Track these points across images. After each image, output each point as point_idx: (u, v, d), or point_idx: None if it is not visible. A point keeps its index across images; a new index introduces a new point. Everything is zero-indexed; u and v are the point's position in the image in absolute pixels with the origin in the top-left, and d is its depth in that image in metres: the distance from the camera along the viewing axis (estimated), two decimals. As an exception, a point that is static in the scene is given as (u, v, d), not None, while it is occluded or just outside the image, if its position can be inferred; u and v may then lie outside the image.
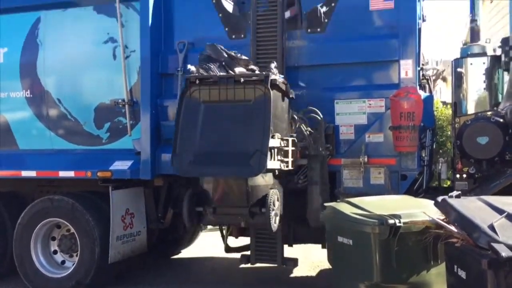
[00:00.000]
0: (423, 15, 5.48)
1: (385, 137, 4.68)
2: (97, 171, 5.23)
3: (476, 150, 4.39)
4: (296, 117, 4.66)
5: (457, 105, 5.11)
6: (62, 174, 5.41)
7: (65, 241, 5.48)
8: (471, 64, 5.02)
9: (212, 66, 4.31)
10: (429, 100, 4.86)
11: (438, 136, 6.84)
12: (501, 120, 4.41)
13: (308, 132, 4.66)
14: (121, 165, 5.24)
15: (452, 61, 5.27)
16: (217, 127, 4.15)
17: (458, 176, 4.56)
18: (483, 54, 5.03)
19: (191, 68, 4.38)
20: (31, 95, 5.66)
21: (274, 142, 4.06)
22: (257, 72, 4.29)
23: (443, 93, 10.57)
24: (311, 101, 4.81)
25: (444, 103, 8.48)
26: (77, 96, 5.53)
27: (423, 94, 4.77)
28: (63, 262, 5.53)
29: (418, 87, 4.70)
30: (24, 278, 5.43)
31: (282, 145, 4.21)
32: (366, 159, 4.65)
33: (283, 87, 4.38)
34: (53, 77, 5.60)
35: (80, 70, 5.50)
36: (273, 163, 4.09)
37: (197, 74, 4.27)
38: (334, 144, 4.80)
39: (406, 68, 4.62)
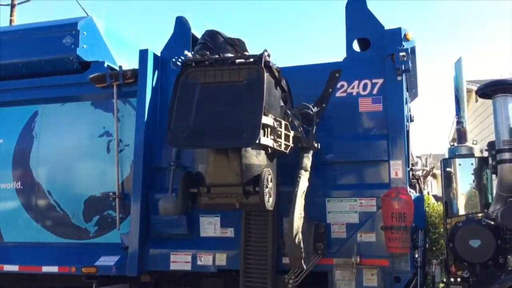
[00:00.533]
0: (411, 116, 5.68)
1: (377, 236, 4.63)
2: (81, 267, 5.09)
3: (469, 253, 4.35)
4: (289, 112, 4.66)
5: (447, 204, 5.13)
6: (45, 269, 5.25)
7: None
8: (459, 164, 5.12)
9: (208, 53, 4.41)
10: (420, 200, 4.89)
11: (431, 233, 6.78)
12: (492, 223, 4.41)
13: (301, 128, 4.69)
14: (107, 261, 5.11)
15: (440, 161, 5.37)
16: (212, 106, 4.15)
17: (452, 279, 4.46)
18: (471, 155, 5.14)
19: (188, 54, 4.44)
20: (21, 187, 5.65)
21: (267, 120, 4.09)
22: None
23: (433, 188, 10.67)
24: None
25: (435, 197, 8.51)
26: (68, 188, 5.53)
27: (413, 194, 4.80)
28: None
29: (408, 187, 4.73)
30: None
31: (275, 125, 4.23)
32: (358, 259, 4.57)
33: (277, 74, 4.39)
34: (45, 169, 5.64)
35: (73, 162, 5.55)
36: (266, 140, 4.08)
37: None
38: (326, 243, 4.73)
39: (396, 169, 4.69)
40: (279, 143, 4.36)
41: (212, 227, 5.11)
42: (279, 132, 4.36)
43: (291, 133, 4.61)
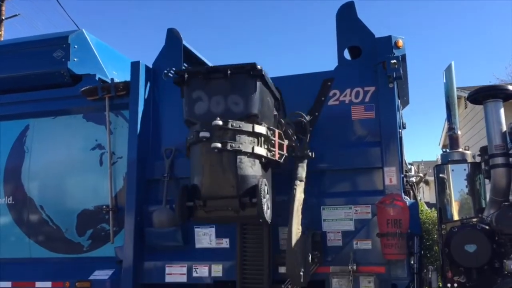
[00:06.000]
0: (403, 123, 5.71)
1: (373, 244, 4.63)
2: (75, 282, 5.03)
3: (465, 258, 4.34)
4: (282, 121, 4.66)
5: (442, 210, 5.15)
6: (39, 285, 5.17)
7: None
8: (452, 170, 5.14)
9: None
10: (415, 206, 4.89)
11: (425, 240, 6.79)
12: (487, 227, 4.43)
13: (294, 137, 4.70)
14: (101, 275, 5.06)
15: (434, 167, 5.39)
16: None
17: (448, 285, 4.45)
18: (464, 161, 5.17)
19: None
20: (13, 202, 5.59)
21: (260, 129, 4.10)
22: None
23: (425, 194, 10.74)
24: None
25: (427, 204, 8.55)
26: (60, 202, 5.48)
27: (408, 201, 4.81)
28: None
29: (403, 194, 4.75)
30: None
31: (269, 134, 4.22)
32: (355, 267, 4.55)
33: (269, 83, 4.38)
34: (37, 183, 5.58)
35: (65, 176, 5.51)
36: (260, 149, 4.07)
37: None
38: (322, 251, 4.72)
39: (390, 175, 4.70)
40: (273, 152, 4.35)
41: (207, 238, 5.08)
42: (273, 141, 4.36)
43: (285, 142, 4.61)
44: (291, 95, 5.02)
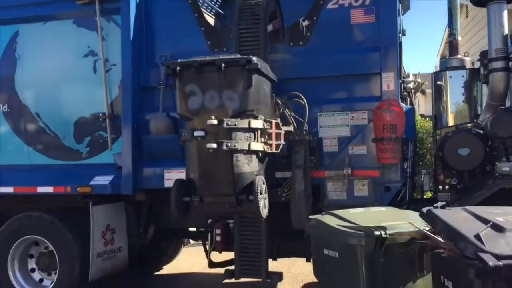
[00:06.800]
0: (403, 29, 5.56)
1: (368, 149, 4.69)
2: (76, 186, 5.12)
3: (458, 161, 4.44)
4: (280, 102, 4.64)
5: (437, 117, 5.19)
6: (41, 189, 5.29)
7: (43, 259, 5.34)
8: (450, 77, 5.11)
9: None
10: (411, 112, 4.90)
11: (418, 148, 6.90)
12: (481, 131, 4.48)
13: (292, 117, 4.67)
14: (102, 180, 5.14)
15: (432, 74, 5.36)
16: None
17: (440, 187, 4.59)
18: (462, 67, 5.13)
19: None
20: (8, 110, 5.55)
21: (257, 123, 4.04)
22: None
23: (421, 106, 10.75)
24: (294, 113, 4.83)
25: (422, 116, 8.59)
26: (56, 110, 5.44)
27: (404, 107, 4.81)
28: (41, 280, 5.38)
29: (400, 100, 4.74)
30: (0, 297, 5.26)
31: (265, 126, 4.18)
32: (350, 171, 4.65)
33: (265, 71, 4.29)
34: (31, 91, 5.51)
35: (59, 83, 5.42)
36: (256, 145, 4.05)
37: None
38: (318, 157, 4.80)
39: (387, 81, 4.66)
40: (270, 145, 4.24)
41: (204, 144, 5.12)
42: (270, 133, 4.25)
43: (282, 130, 4.48)
44: (290, -1, 4.84)
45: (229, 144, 3.89)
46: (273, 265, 5.33)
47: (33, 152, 5.50)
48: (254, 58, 4.01)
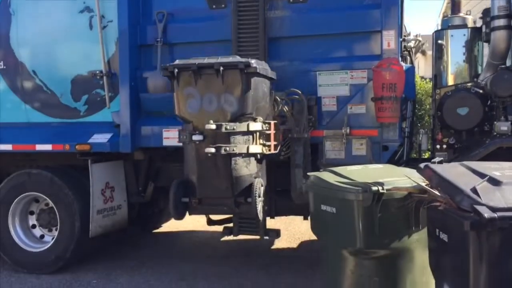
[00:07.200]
0: (404, -14, 5.45)
1: (367, 108, 4.68)
2: (75, 144, 5.13)
3: (456, 120, 4.44)
4: (278, 99, 4.61)
5: (437, 77, 5.15)
6: (39, 147, 5.29)
7: (44, 216, 5.40)
8: (451, 36, 5.05)
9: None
10: (411, 71, 4.86)
11: (416, 110, 6.89)
12: (481, 91, 4.46)
13: (290, 114, 4.65)
14: (100, 138, 5.15)
15: (433, 33, 5.28)
16: None
17: (438, 146, 4.61)
18: (464, 26, 5.06)
19: None
20: (4, 67, 5.49)
21: (256, 126, 4.06)
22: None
23: (421, 68, 10.66)
24: (293, 72, 4.79)
25: (422, 77, 8.55)
26: (53, 67, 5.38)
27: (405, 66, 4.77)
28: (42, 236, 5.46)
29: (400, 59, 4.69)
30: (1, 251, 5.35)
31: (264, 128, 4.19)
32: (348, 131, 4.65)
33: (264, 72, 4.25)
34: (27, 48, 5.44)
35: (55, 40, 5.33)
36: (255, 147, 4.08)
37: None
38: (317, 116, 4.79)
39: (388, 39, 4.60)
40: (269, 146, 4.22)
41: (203, 103, 5.10)
42: (269, 134, 4.22)
43: (281, 130, 4.47)
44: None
45: (228, 148, 3.93)
46: (271, 223, 5.41)
47: (30, 110, 5.47)
48: (253, 61, 3.99)
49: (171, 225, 7.05)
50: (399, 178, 3.26)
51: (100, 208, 5.15)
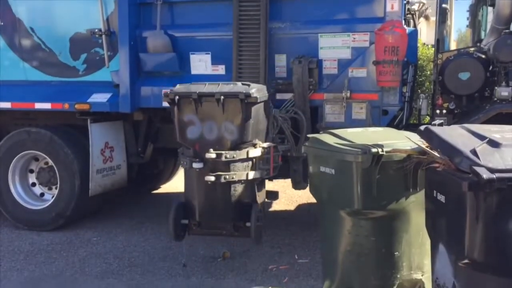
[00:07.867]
0: None
1: (368, 72, 4.65)
2: (74, 104, 5.12)
3: (458, 85, 4.42)
4: (278, 117, 4.58)
5: (440, 41, 5.10)
6: (38, 106, 5.28)
7: (44, 174, 5.43)
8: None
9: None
10: (414, 35, 4.82)
11: (417, 76, 6.85)
12: (483, 56, 4.43)
13: (290, 133, 4.64)
14: (100, 98, 5.13)
15: (437, -3, 5.19)
16: None
17: (438, 111, 4.60)
18: (469, -11, 4.99)
19: None
20: (2, 23, 5.41)
21: (255, 152, 4.07)
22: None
23: (423, 34, 10.53)
24: (294, 34, 4.74)
25: (424, 44, 8.45)
26: (51, 25, 5.31)
27: (408, 29, 4.72)
28: (42, 194, 5.51)
29: (403, 22, 4.64)
30: (2, 209, 5.41)
31: (263, 152, 4.19)
32: (348, 94, 4.64)
33: (265, 98, 4.20)
34: (24, 4, 5.35)
35: (53, -4, 5.24)
36: (254, 173, 4.10)
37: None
38: (317, 79, 4.76)
39: (392, 1, 4.53)
40: (268, 170, 4.22)
41: (203, 65, 5.07)
42: (268, 158, 4.20)
43: (280, 151, 4.45)
44: None
45: (227, 177, 3.97)
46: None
47: (29, 68, 5.43)
48: (253, 91, 3.95)
49: (169, 186, 7.11)
50: (398, 141, 3.27)
51: (99, 167, 5.18)
